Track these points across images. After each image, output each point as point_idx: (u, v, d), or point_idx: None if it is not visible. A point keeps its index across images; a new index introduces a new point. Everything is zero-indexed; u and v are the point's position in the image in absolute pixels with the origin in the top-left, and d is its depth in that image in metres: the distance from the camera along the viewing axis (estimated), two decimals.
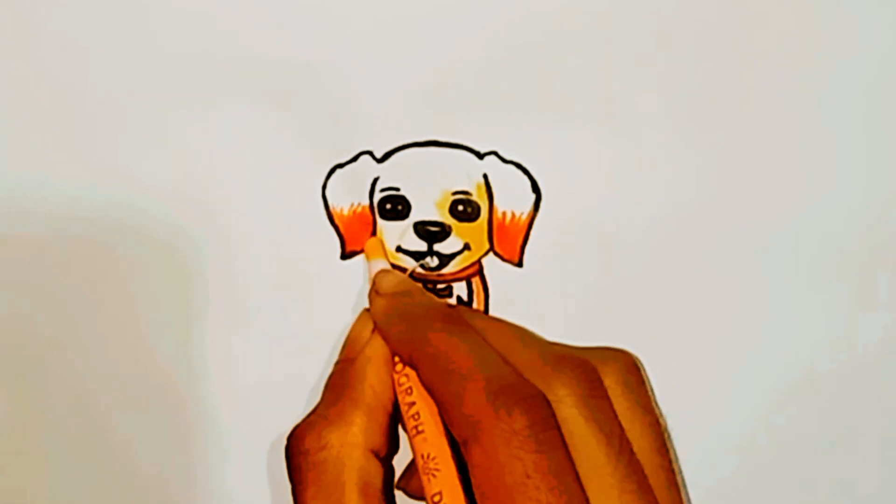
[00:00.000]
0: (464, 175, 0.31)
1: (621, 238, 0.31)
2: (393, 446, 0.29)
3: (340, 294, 0.31)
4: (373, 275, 0.31)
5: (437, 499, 0.26)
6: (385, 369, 0.28)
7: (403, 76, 0.30)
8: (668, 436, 0.30)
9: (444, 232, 0.31)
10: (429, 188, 0.31)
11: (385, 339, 0.29)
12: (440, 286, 0.31)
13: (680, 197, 0.31)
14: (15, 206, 0.31)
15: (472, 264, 0.31)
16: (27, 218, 0.31)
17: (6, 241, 0.31)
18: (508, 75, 0.30)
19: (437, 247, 0.31)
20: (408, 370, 0.28)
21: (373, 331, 0.29)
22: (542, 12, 0.30)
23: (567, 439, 0.25)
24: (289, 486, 0.31)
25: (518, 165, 0.31)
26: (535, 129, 0.31)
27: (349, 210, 0.31)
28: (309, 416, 0.28)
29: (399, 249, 0.31)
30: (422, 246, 0.31)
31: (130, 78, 0.31)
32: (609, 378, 0.28)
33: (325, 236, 0.31)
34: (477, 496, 0.25)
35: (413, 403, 0.27)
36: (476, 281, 0.31)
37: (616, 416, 0.27)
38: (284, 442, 0.27)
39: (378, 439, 0.27)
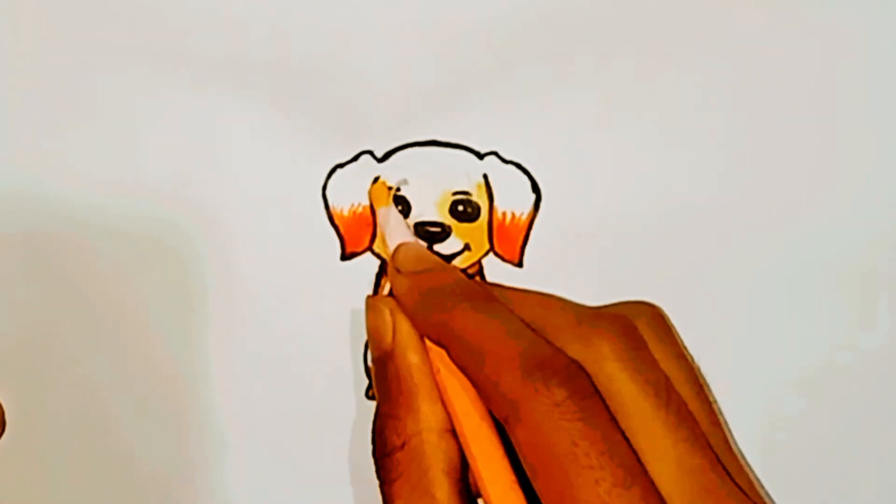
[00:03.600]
0: (464, 175, 0.31)
1: (622, 239, 0.31)
2: None
3: (341, 295, 0.31)
4: (383, 225, 0.30)
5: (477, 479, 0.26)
6: (422, 348, 0.28)
7: (404, 76, 0.30)
8: (704, 379, 0.30)
9: (444, 232, 0.31)
10: (429, 188, 0.31)
11: (412, 320, 0.28)
12: None
13: (681, 198, 0.31)
14: (14, 206, 0.31)
15: (473, 265, 0.31)
16: (27, 218, 0.31)
17: (6, 241, 0.31)
18: (509, 75, 0.30)
19: (437, 247, 0.31)
20: (434, 353, 0.28)
21: (391, 314, 0.29)
22: (543, 12, 0.30)
23: (614, 396, 0.26)
24: (288, 486, 0.32)
25: (518, 166, 0.31)
26: (536, 130, 0.31)
27: (349, 211, 0.31)
28: (376, 419, 0.28)
29: None
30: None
31: (130, 77, 0.31)
32: (641, 328, 0.28)
33: (325, 237, 0.31)
34: (529, 474, 0.25)
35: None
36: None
37: (657, 365, 0.27)
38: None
39: (446, 417, 0.27)
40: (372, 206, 0.31)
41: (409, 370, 0.28)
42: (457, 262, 0.31)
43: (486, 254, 0.31)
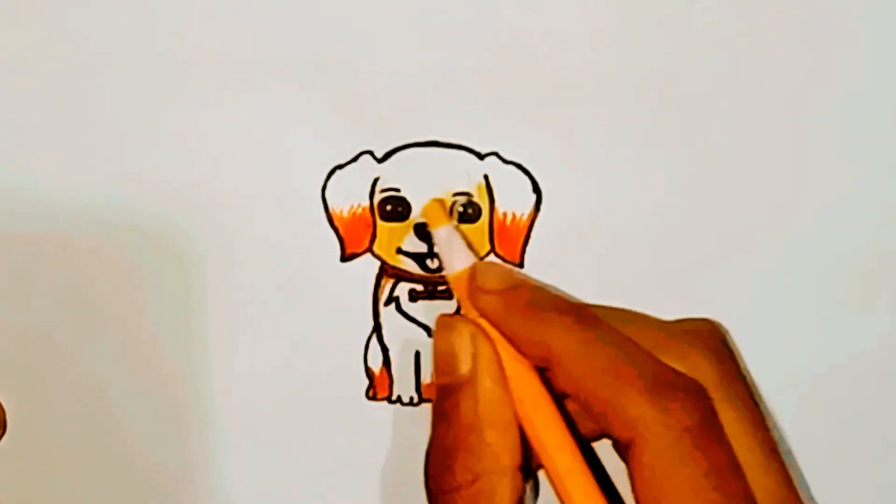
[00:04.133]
0: (464, 176, 0.31)
1: (622, 239, 0.31)
2: (530, 454, 0.27)
3: (340, 296, 0.31)
4: (442, 245, 0.29)
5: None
6: (502, 378, 0.27)
7: (404, 76, 0.30)
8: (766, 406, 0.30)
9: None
10: (429, 189, 0.31)
11: (510, 338, 0.27)
12: (441, 288, 0.31)
13: (681, 199, 0.31)
14: (14, 206, 0.31)
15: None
16: (26, 218, 0.31)
17: (6, 241, 0.31)
18: (509, 76, 0.30)
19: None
20: (515, 383, 0.26)
21: (473, 339, 0.27)
22: (543, 13, 0.30)
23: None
24: (288, 486, 0.32)
25: (519, 166, 0.31)
26: (536, 130, 0.30)
27: (349, 212, 0.31)
28: (438, 449, 0.27)
29: (399, 251, 0.31)
30: (422, 247, 0.31)
31: (129, 76, 0.31)
32: (704, 375, 0.26)
33: (324, 238, 0.31)
34: (644, 500, 0.24)
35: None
36: None
37: (750, 391, 0.26)
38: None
39: (519, 454, 0.26)
40: (429, 231, 0.30)
41: (489, 401, 0.26)
42: None
43: (487, 254, 0.31)
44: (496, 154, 0.31)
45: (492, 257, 0.31)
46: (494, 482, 0.26)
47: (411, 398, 0.31)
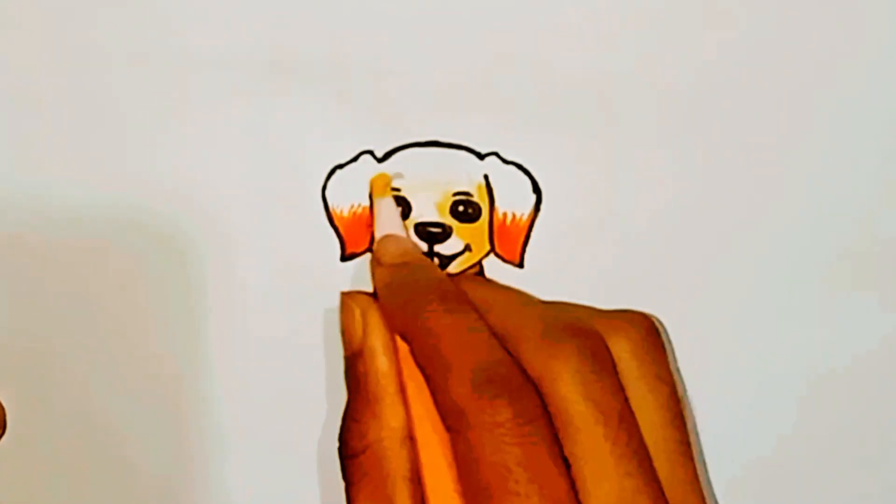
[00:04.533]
0: (464, 175, 0.31)
1: (622, 239, 0.31)
2: None
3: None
4: (378, 216, 0.30)
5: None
6: (394, 350, 0.28)
7: (404, 76, 0.30)
8: (687, 405, 0.30)
9: (444, 233, 0.31)
10: (429, 189, 0.31)
11: (383, 311, 0.28)
12: None
13: (682, 198, 0.31)
14: (15, 206, 0.31)
15: (473, 265, 0.31)
16: (27, 218, 0.31)
17: (6, 241, 0.31)
18: (509, 76, 0.30)
19: (437, 248, 0.31)
20: (403, 354, 0.28)
21: (363, 314, 0.29)
22: (543, 14, 0.30)
23: (566, 418, 0.25)
24: (288, 486, 0.32)
25: (519, 166, 0.31)
26: (536, 130, 0.30)
27: (349, 211, 0.31)
28: (343, 418, 0.28)
29: None
30: (422, 247, 0.31)
31: (130, 76, 0.31)
32: (620, 346, 0.27)
33: (325, 237, 0.31)
34: (461, 487, 0.25)
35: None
36: None
37: (618, 391, 0.26)
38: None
39: (408, 424, 0.27)
40: (371, 199, 0.31)
41: (376, 374, 0.28)
42: (457, 262, 0.31)
43: (487, 254, 0.31)
44: (496, 154, 0.31)
45: (491, 257, 0.31)
46: (385, 449, 0.27)
47: None
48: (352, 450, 0.27)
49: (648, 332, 0.28)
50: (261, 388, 0.31)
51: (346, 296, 0.29)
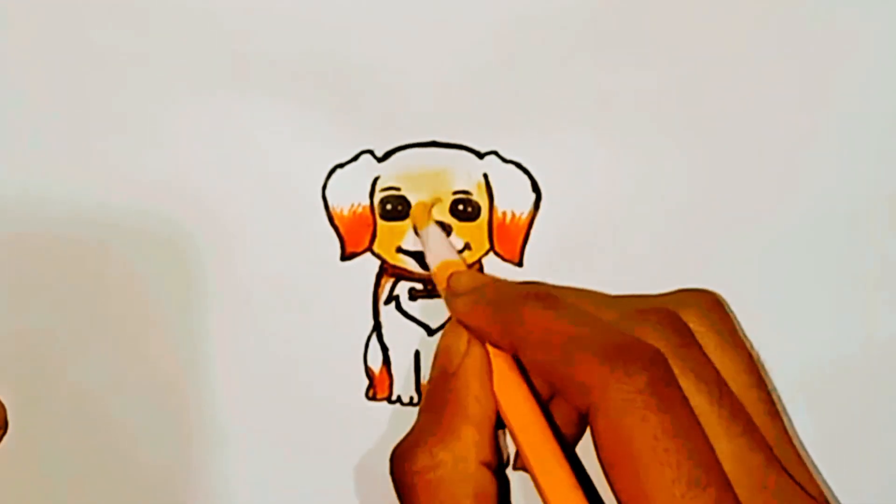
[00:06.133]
0: (464, 175, 0.31)
1: (622, 238, 0.31)
2: (502, 457, 0.28)
3: (340, 295, 0.31)
4: (427, 246, 0.30)
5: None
6: (487, 379, 0.28)
7: (404, 76, 0.30)
8: (763, 366, 0.30)
9: (444, 232, 0.31)
10: (429, 188, 0.31)
11: (477, 331, 0.28)
12: None
13: (682, 196, 0.31)
14: (15, 206, 0.31)
15: (473, 264, 0.31)
16: (27, 218, 0.31)
17: (6, 241, 0.31)
18: (509, 75, 0.30)
19: None
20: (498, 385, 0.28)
21: (468, 340, 0.28)
22: (543, 14, 0.30)
23: None
24: (289, 486, 0.31)
25: (518, 165, 0.31)
26: (536, 129, 0.31)
27: (349, 211, 0.31)
28: (413, 433, 0.28)
29: (399, 250, 0.31)
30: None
31: (129, 76, 0.31)
32: (693, 321, 0.27)
33: (325, 237, 0.31)
34: (604, 466, 0.24)
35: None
36: None
37: (709, 361, 0.26)
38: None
39: (488, 452, 0.27)
40: (415, 228, 0.31)
41: (468, 396, 0.27)
42: None
43: (487, 253, 0.31)
44: (496, 153, 0.31)
45: (491, 256, 0.31)
46: (452, 472, 0.26)
47: (411, 398, 0.31)
48: (418, 466, 0.27)
49: (713, 305, 0.28)
50: (261, 388, 0.31)
51: (454, 322, 0.29)
